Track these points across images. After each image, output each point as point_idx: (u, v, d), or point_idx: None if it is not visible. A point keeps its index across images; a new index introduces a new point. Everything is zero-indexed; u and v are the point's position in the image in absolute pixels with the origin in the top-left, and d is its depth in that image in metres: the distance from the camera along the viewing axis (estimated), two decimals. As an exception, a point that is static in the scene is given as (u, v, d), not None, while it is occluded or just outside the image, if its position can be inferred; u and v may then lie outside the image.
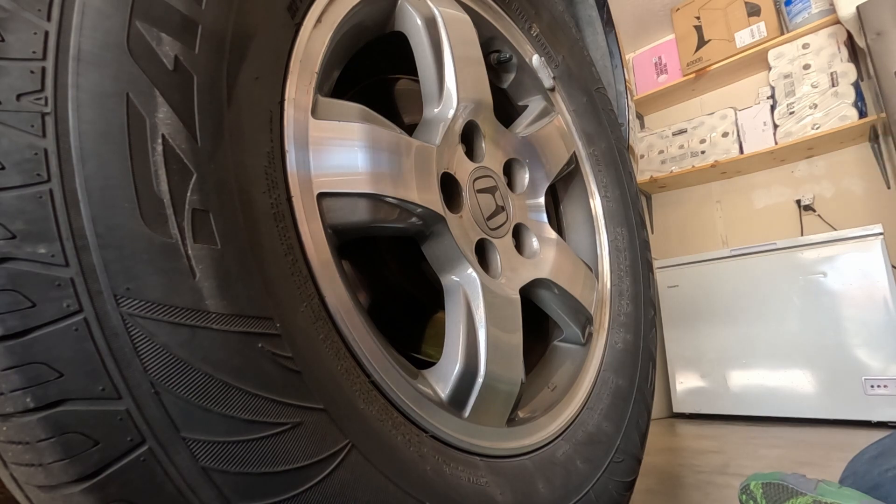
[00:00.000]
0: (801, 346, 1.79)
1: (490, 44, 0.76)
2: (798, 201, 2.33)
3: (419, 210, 0.52)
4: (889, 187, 2.13)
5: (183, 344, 0.28)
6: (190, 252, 0.29)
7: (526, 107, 0.83)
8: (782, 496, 0.57)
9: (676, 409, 2.06)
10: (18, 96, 0.27)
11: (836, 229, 1.85)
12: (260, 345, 0.32)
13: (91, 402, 0.26)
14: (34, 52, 0.27)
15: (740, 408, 1.90)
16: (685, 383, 2.05)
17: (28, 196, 0.26)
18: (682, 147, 2.56)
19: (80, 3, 0.29)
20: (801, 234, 2.24)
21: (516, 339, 0.59)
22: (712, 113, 2.49)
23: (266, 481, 0.30)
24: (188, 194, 0.30)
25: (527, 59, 0.79)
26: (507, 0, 0.76)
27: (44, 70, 0.27)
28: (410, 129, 0.58)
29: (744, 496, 0.63)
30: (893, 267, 1.69)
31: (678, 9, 2.58)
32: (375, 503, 0.36)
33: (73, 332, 0.26)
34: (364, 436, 0.37)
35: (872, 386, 1.63)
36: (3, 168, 0.26)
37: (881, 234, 1.71)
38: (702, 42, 2.50)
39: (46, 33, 0.28)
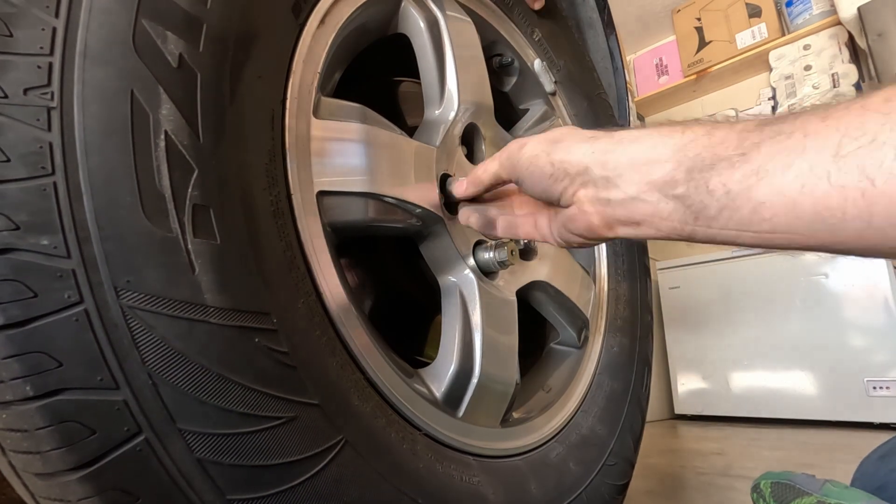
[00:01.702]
0: (803, 347, 1.78)
1: (492, 47, 0.76)
2: (799, 203, 2.33)
3: (418, 211, 0.52)
4: (891, 190, 2.12)
5: (181, 337, 0.29)
6: (190, 247, 0.30)
7: (527, 110, 0.83)
8: (789, 496, 0.58)
9: (678, 410, 2.06)
10: (25, 90, 0.27)
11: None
12: (257, 339, 0.32)
13: (89, 391, 0.27)
14: (41, 48, 0.28)
15: (742, 409, 1.89)
16: (687, 385, 2.05)
17: (32, 188, 0.26)
18: (683, 150, 2.55)
19: (88, 1, 0.29)
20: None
21: (512, 340, 0.60)
22: (713, 114, 2.48)
23: (260, 474, 0.31)
24: (189, 190, 0.31)
25: (529, 64, 0.79)
26: (509, 4, 0.76)
27: (50, 65, 0.28)
28: (412, 131, 0.58)
29: (754, 494, 0.64)
30: (895, 268, 1.69)
31: (679, 10, 2.57)
32: (367, 499, 0.37)
33: (74, 322, 0.26)
34: (358, 432, 0.38)
35: (875, 387, 1.63)
36: (9, 160, 0.26)
37: (883, 235, 1.71)
38: (703, 43, 2.50)
39: (54, 29, 0.28)
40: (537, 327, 0.80)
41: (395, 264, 0.69)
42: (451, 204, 0.58)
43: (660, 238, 0.34)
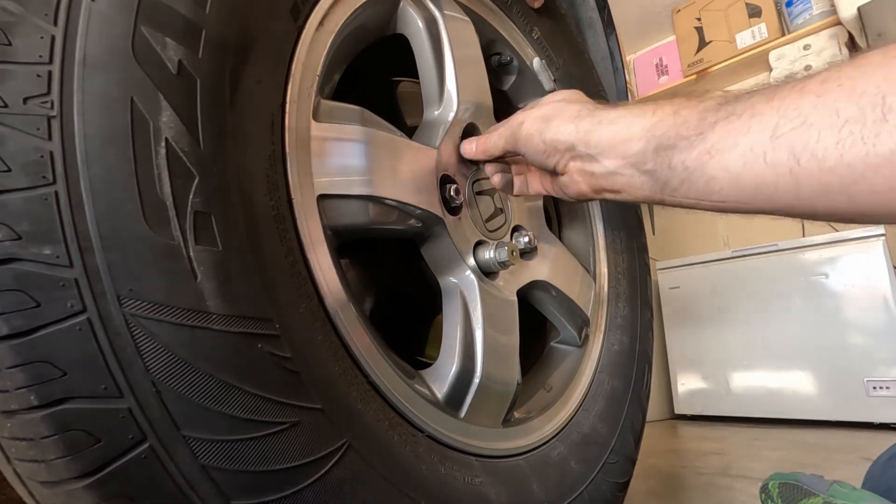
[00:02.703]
0: (803, 347, 1.78)
1: (491, 46, 0.76)
2: (799, 203, 2.33)
3: (418, 212, 0.52)
4: (890, 189, 2.12)
5: (184, 344, 0.29)
6: (192, 254, 0.30)
7: (526, 109, 0.83)
8: (796, 496, 0.58)
9: (678, 410, 2.06)
10: (25, 99, 0.27)
11: (837, 230, 1.84)
12: (259, 345, 0.32)
13: (93, 400, 0.27)
14: (41, 56, 0.28)
15: (742, 409, 1.90)
16: (687, 385, 2.05)
17: (34, 198, 0.26)
18: (683, 149, 2.55)
19: (87, 8, 0.29)
20: (803, 236, 2.24)
21: (513, 340, 0.60)
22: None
23: (264, 479, 0.31)
24: (190, 197, 0.31)
25: (528, 62, 0.79)
26: (508, 2, 0.76)
27: (50, 74, 0.28)
28: (412, 132, 0.58)
29: (763, 495, 0.64)
30: (895, 268, 1.69)
31: (679, 10, 2.57)
32: (371, 502, 0.37)
33: (77, 331, 0.26)
34: (361, 435, 0.38)
35: (875, 387, 1.63)
36: (10, 170, 0.26)
37: (883, 234, 1.71)
38: (703, 43, 2.50)
39: (53, 37, 0.28)
40: (538, 326, 0.80)
41: (396, 265, 0.69)
42: (451, 204, 0.58)
43: (638, 202, 0.45)
